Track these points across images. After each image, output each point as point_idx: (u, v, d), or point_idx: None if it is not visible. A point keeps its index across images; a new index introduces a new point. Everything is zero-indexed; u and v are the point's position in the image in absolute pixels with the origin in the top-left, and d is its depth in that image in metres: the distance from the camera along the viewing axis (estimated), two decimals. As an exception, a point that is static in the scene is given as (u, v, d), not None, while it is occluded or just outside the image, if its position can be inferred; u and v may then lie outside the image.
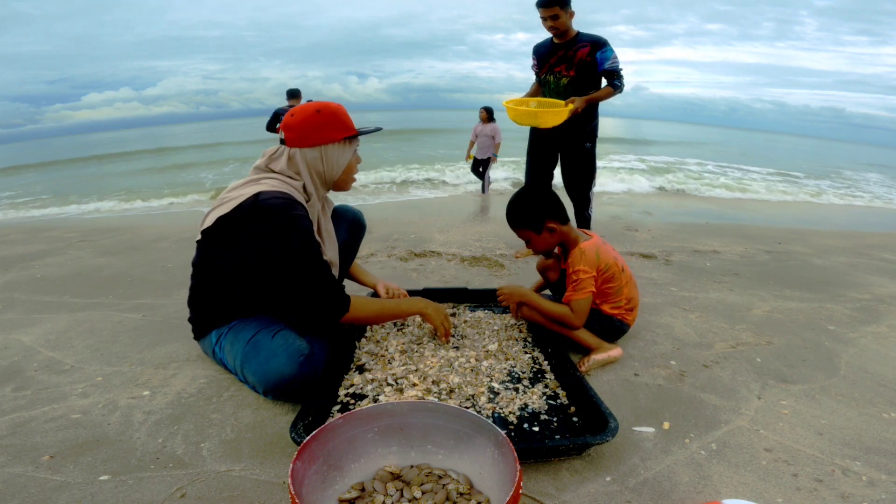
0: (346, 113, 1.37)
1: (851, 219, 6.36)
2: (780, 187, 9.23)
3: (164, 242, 3.29)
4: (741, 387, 1.43)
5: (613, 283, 1.56)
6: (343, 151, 1.37)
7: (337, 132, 1.34)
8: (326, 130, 1.33)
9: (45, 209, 5.65)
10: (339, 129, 1.34)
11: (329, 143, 1.34)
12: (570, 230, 1.57)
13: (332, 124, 1.33)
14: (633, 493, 0.98)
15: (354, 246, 1.75)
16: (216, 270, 1.33)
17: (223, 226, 1.26)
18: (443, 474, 0.92)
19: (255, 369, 1.24)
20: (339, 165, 1.37)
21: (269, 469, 1.04)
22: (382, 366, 1.40)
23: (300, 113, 1.31)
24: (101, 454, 1.08)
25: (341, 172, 1.39)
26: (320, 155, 1.34)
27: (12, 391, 1.36)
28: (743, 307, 2.12)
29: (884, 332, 1.92)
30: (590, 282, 1.50)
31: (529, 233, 1.55)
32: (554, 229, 1.52)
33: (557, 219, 1.52)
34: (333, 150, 1.35)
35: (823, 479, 1.04)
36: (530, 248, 1.60)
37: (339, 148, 1.36)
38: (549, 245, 1.57)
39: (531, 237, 1.56)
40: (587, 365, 1.46)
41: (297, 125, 1.31)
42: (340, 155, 1.37)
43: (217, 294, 1.36)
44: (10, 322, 1.88)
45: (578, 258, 1.50)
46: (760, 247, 3.45)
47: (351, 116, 1.40)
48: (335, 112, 1.34)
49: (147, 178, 8.25)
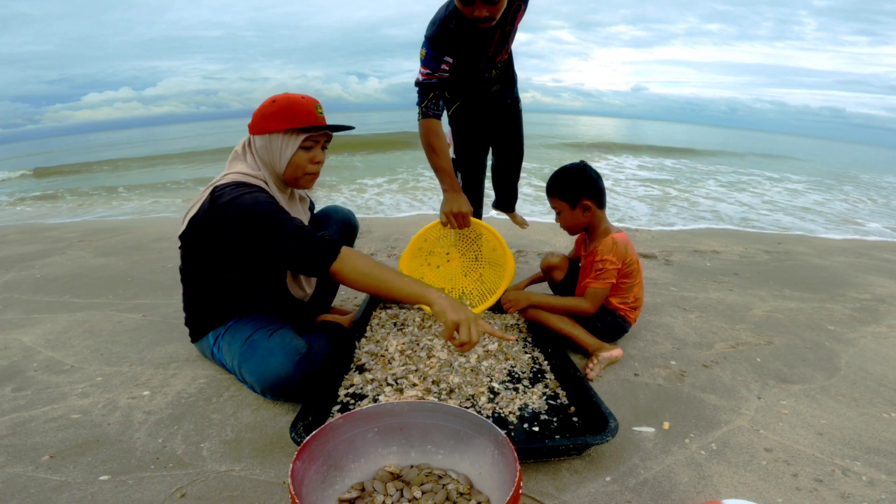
0: (304, 106, 1.30)
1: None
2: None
3: (164, 242, 3.29)
4: (741, 387, 1.43)
5: (629, 280, 1.58)
6: (287, 143, 1.31)
7: (281, 122, 1.29)
8: (273, 120, 1.29)
9: (45, 209, 5.66)
10: (285, 119, 1.29)
11: (273, 132, 1.30)
12: (604, 218, 1.59)
13: (280, 114, 1.29)
14: (633, 493, 0.98)
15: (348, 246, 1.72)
16: (201, 273, 1.34)
17: (195, 226, 1.27)
18: (443, 474, 0.92)
19: (252, 368, 1.24)
20: (284, 157, 1.32)
21: (269, 469, 1.04)
22: (382, 366, 1.40)
23: (263, 102, 1.33)
24: (101, 454, 1.08)
25: (286, 166, 1.33)
26: (266, 144, 1.32)
27: (12, 391, 1.36)
28: (743, 307, 2.12)
29: (884, 332, 1.92)
30: (614, 273, 1.52)
31: (564, 204, 1.56)
32: (588, 207, 1.54)
33: (595, 200, 1.54)
34: (277, 141, 1.31)
35: (823, 479, 1.04)
36: (560, 221, 1.62)
37: (282, 139, 1.31)
38: (578, 223, 1.59)
39: (564, 209, 1.57)
40: (596, 368, 1.45)
41: (255, 112, 1.33)
42: (284, 146, 1.31)
43: (208, 296, 1.37)
44: (10, 322, 1.88)
45: (610, 247, 1.52)
46: (760, 247, 3.45)
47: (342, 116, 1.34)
48: (289, 103, 1.30)
49: (146, 178, 8.26)
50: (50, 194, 6.99)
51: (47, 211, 5.68)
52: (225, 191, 1.22)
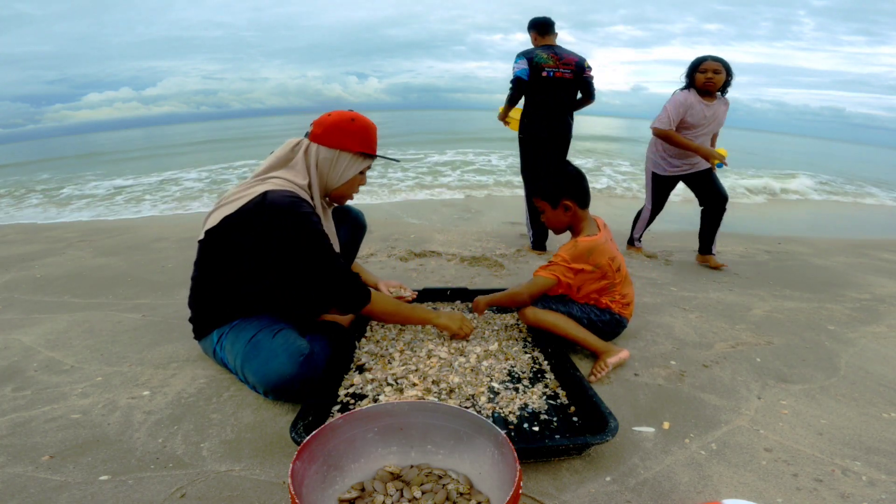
0: (374, 133, 1.41)
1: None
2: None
3: (164, 242, 3.29)
4: (741, 387, 1.43)
5: (606, 281, 1.59)
6: (353, 164, 1.39)
7: (357, 144, 1.37)
8: (349, 138, 1.36)
9: (44, 209, 5.65)
10: (360, 142, 1.37)
11: (345, 150, 1.36)
12: (585, 218, 1.61)
13: (356, 135, 1.36)
14: (633, 493, 0.98)
15: (355, 246, 1.76)
16: (220, 269, 1.33)
17: (229, 225, 1.27)
18: (443, 474, 0.92)
19: (255, 369, 1.24)
20: (345, 176, 1.39)
21: (269, 469, 1.04)
22: (382, 366, 1.40)
23: (337, 114, 1.36)
24: (101, 454, 1.08)
25: (343, 183, 1.40)
26: (333, 158, 1.36)
27: (12, 391, 1.36)
28: (743, 307, 2.12)
29: (884, 332, 1.92)
30: (561, 270, 1.54)
31: (546, 204, 1.60)
32: (569, 207, 1.56)
33: (576, 200, 1.56)
34: (345, 159, 1.37)
35: (823, 479, 1.04)
36: (543, 220, 1.65)
37: (351, 159, 1.38)
38: (560, 222, 1.61)
39: (546, 209, 1.61)
40: (604, 371, 1.45)
41: (328, 123, 1.36)
42: (350, 166, 1.39)
43: (220, 293, 1.36)
44: (10, 322, 1.88)
45: (569, 247, 1.55)
46: (760, 247, 3.45)
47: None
48: (365, 127, 1.38)
49: (146, 178, 8.25)
50: (50, 194, 6.99)
51: (47, 211, 5.68)
52: (282, 200, 1.24)
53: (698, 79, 2.60)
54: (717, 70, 2.56)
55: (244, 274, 1.31)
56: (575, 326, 1.55)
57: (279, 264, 1.28)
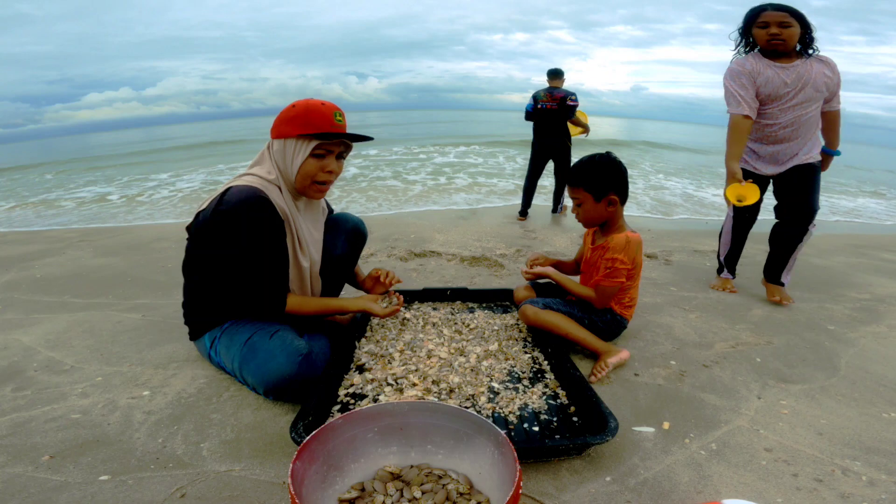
0: (320, 112, 1.25)
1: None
2: None
3: (164, 242, 3.29)
4: (741, 387, 1.43)
5: (630, 282, 1.58)
6: (300, 149, 1.27)
7: (296, 128, 1.25)
8: (288, 124, 1.26)
9: (44, 209, 5.65)
10: (300, 125, 1.25)
11: (289, 136, 1.27)
12: (622, 213, 1.57)
13: (296, 119, 1.25)
14: (633, 493, 0.98)
15: (354, 256, 1.66)
16: (199, 270, 1.34)
17: (196, 225, 1.27)
18: (443, 474, 0.92)
19: (254, 371, 1.24)
20: (295, 163, 1.28)
21: (269, 469, 1.04)
22: (382, 366, 1.40)
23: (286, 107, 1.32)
24: (100, 454, 1.08)
25: (297, 171, 1.29)
26: (282, 148, 1.29)
27: (12, 391, 1.36)
28: (743, 307, 2.12)
29: (884, 332, 1.92)
30: (624, 273, 1.51)
31: (589, 196, 1.51)
32: (614, 202, 1.51)
33: (620, 196, 1.52)
34: (290, 146, 1.28)
35: (823, 479, 1.04)
36: (578, 212, 1.57)
37: (296, 144, 1.27)
38: (599, 216, 1.55)
39: (587, 201, 1.52)
40: (604, 371, 1.44)
41: (277, 116, 1.31)
42: (297, 152, 1.28)
43: (204, 294, 1.36)
44: (9, 322, 1.88)
45: (623, 246, 1.50)
46: (760, 247, 3.44)
47: (349, 120, 1.33)
48: (305, 109, 1.26)
49: (146, 178, 8.26)
50: (49, 195, 6.99)
51: (47, 211, 5.68)
52: (233, 199, 1.21)
53: (758, 36, 1.91)
54: (784, 22, 1.85)
55: (214, 273, 1.30)
56: (575, 326, 1.55)
57: (225, 261, 1.25)
